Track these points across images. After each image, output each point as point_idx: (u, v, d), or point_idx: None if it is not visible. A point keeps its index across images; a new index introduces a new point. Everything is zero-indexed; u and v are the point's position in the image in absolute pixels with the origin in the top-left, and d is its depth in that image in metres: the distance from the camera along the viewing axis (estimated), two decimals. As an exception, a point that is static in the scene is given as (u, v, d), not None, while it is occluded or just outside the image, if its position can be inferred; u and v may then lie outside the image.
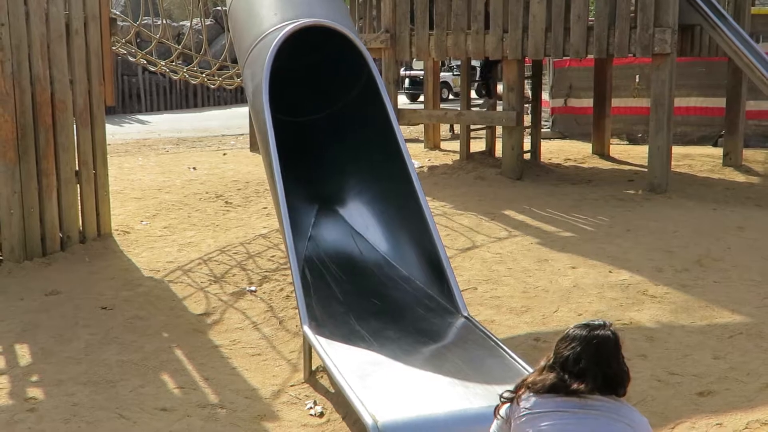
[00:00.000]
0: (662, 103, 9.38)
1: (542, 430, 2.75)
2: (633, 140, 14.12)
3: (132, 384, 4.75)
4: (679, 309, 5.80)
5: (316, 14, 6.09)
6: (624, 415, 2.75)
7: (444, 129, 14.76)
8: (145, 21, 13.88)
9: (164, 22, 13.82)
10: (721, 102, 12.04)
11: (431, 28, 10.46)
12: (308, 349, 4.87)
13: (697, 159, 11.88)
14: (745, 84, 11.13)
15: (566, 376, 2.75)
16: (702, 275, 6.47)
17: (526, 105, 11.63)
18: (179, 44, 13.65)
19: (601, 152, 12.55)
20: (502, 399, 2.96)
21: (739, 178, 10.77)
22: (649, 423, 2.88)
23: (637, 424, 2.75)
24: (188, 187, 10.07)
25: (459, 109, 12.31)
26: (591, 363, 2.74)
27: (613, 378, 2.77)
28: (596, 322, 2.86)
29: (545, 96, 14.57)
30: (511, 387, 3.98)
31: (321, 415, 4.48)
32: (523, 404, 2.83)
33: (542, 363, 2.89)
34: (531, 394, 2.82)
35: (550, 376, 2.79)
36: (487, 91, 13.23)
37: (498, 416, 2.96)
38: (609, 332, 2.81)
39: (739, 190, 9.94)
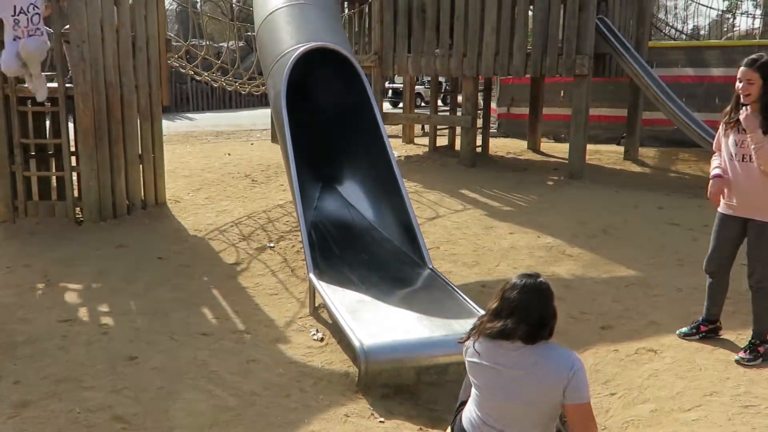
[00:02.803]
0: (580, 111, 9.39)
1: (477, 380, 2.60)
2: (558, 139, 14.12)
3: (180, 315, 4.74)
4: (588, 265, 5.84)
5: (323, 39, 6.03)
6: (547, 364, 2.47)
7: (417, 128, 14.71)
8: (193, 42, 13.68)
9: (207, 43, 13.64)
10: (623, 112, 12.04)
11: (409, 51, 10.40)
12: (312, 291, 4.88)
13: (605, 154, 11.92)
14: (641, 99, 11.15)
15: (510, 321, 2.50)
16: (606, 240, 6.51)
17: (479, 111, 11.60)
18: (219, 60, 13.48)
19: (534, 148, 12.55)
20: (461, 340, 2.72)
21: (636, 169, 10.82)
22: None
23: (557, 368, 2.46)
24: (224, 168, 10.00)
25: (429, 113, 12.26)
26: (534, 304, 2.52)
27: (549, 317, 2.54)
28: (532, 273, 2.63)
29: (493, 105, 14.52)
30: (463, 321, 3.99)
31: (321, 339, 4.49)
32: (476, 347, 2.59)
33: (493, 306, 2.59)
34: (481, 338, 2.58)
35: (498, 324, 2.52)
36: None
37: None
38: (543, 280, 2.60)
39: (635, 178, 9.99)
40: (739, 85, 3.79)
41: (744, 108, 3.79)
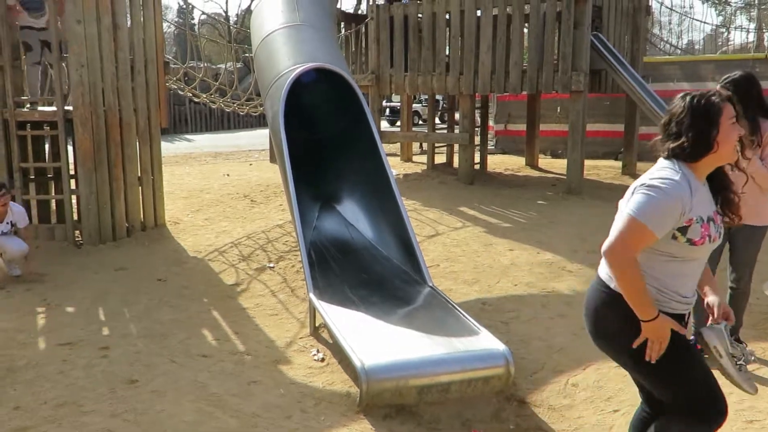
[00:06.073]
0: (577, 127, 9.41)
1: None
2: (555, 155, 14.16)
3: (180, 337, 4.72)
4: (589, 280, 5.75)
5: (320, 59, 6.06)
6: None
7: (415, 146, 14.75)
8: (191, 64, 13.77)
9: (205, 65, 13.72)
10: (620, 127, 12.09)
11: (406, 70, 10.46)
12: (313, 311, 4.86)
13: (603, 169, 11.94)
14: (638, 114, 11.18)
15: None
16: (606, 256, 6.49)
17: (477, 128, 11.63)
18: (217, 81, 13.54)
19: (532, 164, 12.57)
20: None
21: (634, 183, 10.82)
22: (566, 366, 2.81)
23: None
24: (223, 189, 10.01)
25: (426, 131, 12.30)
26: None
27: None
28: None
29: (491, 122, 14.58)
30: (464, 339, 3.95)
31: (322, 360, 4.47)
32: None
33: None
34: None
35: None
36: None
37: None
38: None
39: (634, 193, 9.97)
40: None
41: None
